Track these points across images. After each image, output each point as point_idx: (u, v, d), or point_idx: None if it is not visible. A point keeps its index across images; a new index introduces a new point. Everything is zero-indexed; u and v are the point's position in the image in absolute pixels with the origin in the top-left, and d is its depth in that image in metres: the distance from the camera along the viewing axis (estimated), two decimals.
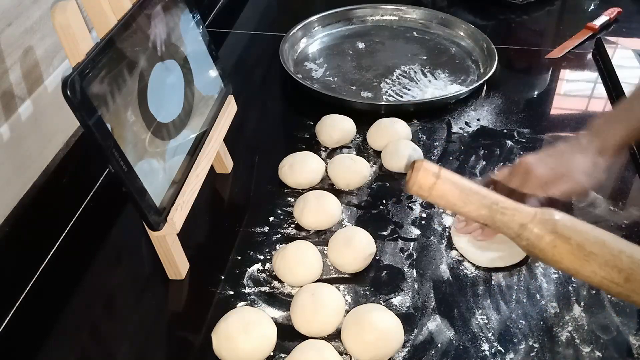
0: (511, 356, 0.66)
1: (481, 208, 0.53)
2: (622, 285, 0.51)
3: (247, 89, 1.11)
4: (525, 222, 0.52)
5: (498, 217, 0.53)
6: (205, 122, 0.80)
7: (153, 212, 0.66)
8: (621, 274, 0.50)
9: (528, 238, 0.52)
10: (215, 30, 1.27)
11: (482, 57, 1.17)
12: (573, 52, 1.21)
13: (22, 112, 0.73)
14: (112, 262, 0.79)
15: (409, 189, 0.54)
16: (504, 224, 0.53)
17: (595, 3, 1.40)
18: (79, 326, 0.70)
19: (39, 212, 0.76)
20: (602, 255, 0.51)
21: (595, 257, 0.51)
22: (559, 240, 0.51)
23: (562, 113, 1.09)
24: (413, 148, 0.92)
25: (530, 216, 0.53)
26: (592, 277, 0.52)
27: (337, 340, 0.67)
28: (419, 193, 0.54)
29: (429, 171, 0.53)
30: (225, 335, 0.65)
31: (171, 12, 0.76)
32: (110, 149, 0.61)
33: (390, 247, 0.79)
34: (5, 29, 0.70)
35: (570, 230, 0.52)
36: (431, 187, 0.52)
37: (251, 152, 0.96)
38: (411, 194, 0.54)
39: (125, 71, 0.65)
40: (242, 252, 0.78)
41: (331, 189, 0.86)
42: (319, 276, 0.74)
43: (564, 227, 0.52)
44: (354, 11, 1.30)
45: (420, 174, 0.52)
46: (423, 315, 0.70)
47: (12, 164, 0.72)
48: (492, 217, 0.53)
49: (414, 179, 0.53)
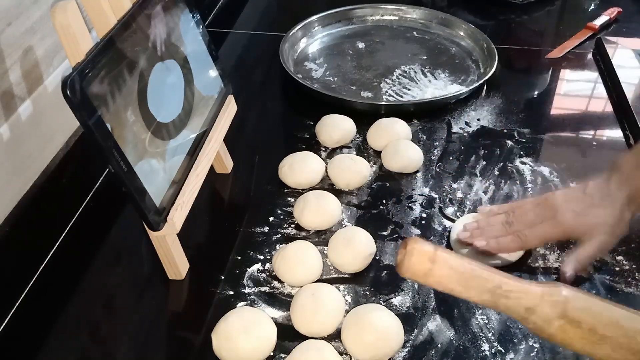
0: (511, 356, 0.66)
1: (483, 293, 0.49)
2: None
3: (247, 89, 1.11)
4: (531, 306, 0.49)
5: (502, 302, 0.49)
6: (205, 122, 0.80)
7: (153, 212, 0.66)
8: (635, 355, 0.47)
9: (535, 322, 0.49)
10: (215, 30, 1.27)
11: (482, 57, 1.17)
12: (573, 52, 1.21)
13: (22, 112, 0.73)
14: (112, 262, 0.78)
15: (401, 274, 0.48)
16: (507, 308, 0.50)
17: (595, 3, 1.40)
18: (79, 326, 0.70)
19: (38, 212, 0.76)
20: (615, 338, 0.48)
21: (608, 339, 0.47)
22: (569, 325, 0.48)
23: (562, 113, 1.09)
24: (413, 148, 0.92)
25: (537, 298, 0.49)
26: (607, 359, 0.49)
27: (337, 340, 0.67)
28: (412, 278, 0.49)
29: (424, 255, 0.47)
30: (225, 335, 0.65)
31: (171, 12, 0.76)
32: (110, 149, 0.61)
33: (390, 247, 0.79)
34: (5, 29, 0.70)
35: (580, 313, 0.48)
36: (427, 274, 0.47)
37: (251, 152, 0.96)
38: (403, 277, 0.49)
39: (125, 71, 0.65)
40: (242, 252, 0.78)
41: (331, 189, 0.86)
42: (319, 276, 0.74)
43: (574, 310, 0.48)
44: (354, 11, 1.30)
45: (413, 259, 0.47)
46: (423, 315, 0.70)
47: (12, 164, 0.72)
48: (496, 302, 0.50)
49: (407, 264, 0.47)
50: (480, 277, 0.48)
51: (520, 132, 0.99)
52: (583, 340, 0.47)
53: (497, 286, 0.49)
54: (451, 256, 0.49)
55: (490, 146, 0.96)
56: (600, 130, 1.04)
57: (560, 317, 0.47)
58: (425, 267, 0.46)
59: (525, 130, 1.00)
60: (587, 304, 0.48)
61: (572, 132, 1.03)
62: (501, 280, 0.49)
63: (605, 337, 0.47)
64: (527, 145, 0.96)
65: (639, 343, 0.47)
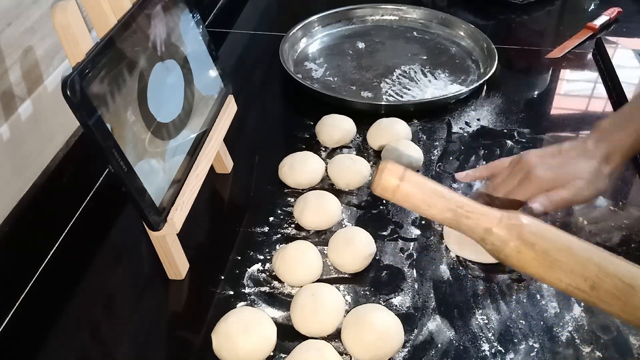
0: (511, 356, 0.66)
1: (445, 211, 0.52)
2: (587, 292, 0.51)
3: (247, 89, 1.11)
4: (489, 227, 0.52)
5: (463, 221, 0.53)
6: (205, 122, 0.80)
7: (153, 212, 0.66)
8: (587, 282, 0.50)
9: (493, 243, 0.52)
10: (215, 30, 1.27)
11: (482, 57, 1.17)
12: (573, 52, 1.21)
13: (22, 112, 0.73)
14: (112, 262, 0.78)
15: (373, 189, 0.54)
16: (468, 228, 0.53)
17: (595, 3, 1.40)
18: (79, 326, 0.70)
19: (38, 212, 0.76)
20: (567, 263, 0.50)
21: (560, 264, 0.50)
22: (524, 246, 0.50)
23: (562, 113, 1.09)
24: (413, 148, 0.92)
25: (495, 220, 0.52)
26: (557, 284, 0.52)
27: (337, 340, 0.67)
28: (382, 194, 0.53)
29: (393, 173, 0.52)
30: (225, 335, 0.65)
31: (171, 12, 0.76)
32: (110, 149, 0.61)
33: (390, 247, 0.79)
34: (5, 29, 0.70)
35: (535, 237, 0.51)
36: (395, 190, 0.52)
37: (251, 152, 0.96)
38: (376, 194, 0.53)
39: (125, 71, 0.65)
40: (242, 252, 0.78)
41: (331, 189, 0.86)
42: (319, 276, 0.74)
43: (529, 233, 0.51)
44: (354, 11, 1.30)
45: (383, 175, 0.52)
46: (423, 315, 0.70)
47: (12, 164, 0.72)
48: (457, 221, 0.53)
49: (378, 180, 0.52)
50: (444, 197, 0.52)
51: (520, 132, 0.99)
52: (536, 262, 0.50)
53: (458, 206, 0.52)
54: (417, 176, 0.53)
55: (490, 146, 0.96)
56: None
57: (517, 239, 0.50)
58: (394, 184, 0.51)
59: (525, 130, 1.00)
60: (542, 230, 0.51)
61: (572, 132, 1.03)
62: (463, 201, 0.52)
63: (557, 261, 0.49)
64: (527, 145, 0.96)
65: (589, 269, 0.49)
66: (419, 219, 0.83)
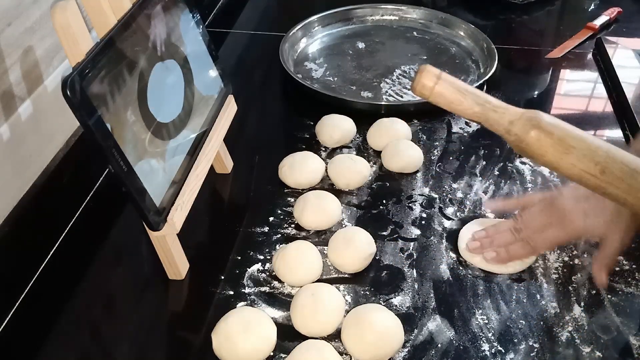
0: (511, 356, 0.66)
1: (475, 106, 0.59)
2: (598, 177, 0.55)
3: (247, 89, 1.11)
4: (513, 119, 0.57)
5: (490, 115, 0.58)
6: (205, 122, 0.80)
7: (153, 212, 0.66)
8: (597, 166, 0.55)
9: (516, 133, 0.57)
10: (215, 30, 1.27)
11: (482, 57, 1.17)
12: (573, 52, 1.21)
13: (22, 112, 0.73)
14: (112, 262, 0.78)
15: (413, 89, 0.60)
16: (495, 121, 0.58)
17: (595, 3, 1.40)
18: (79, 326, 0.70)
19: (38, 212, 0.76)
20: (580, 149, 0.55)
21: (574, 150, 0.55)
22: (543, 134, 0.56)
23: (562, 113, 1.09)
24: (413, 148, 0.92)
25: (518, 114, 0.58)
26: (571, 169, 0.56)
27: (337, 340, 0.67)
28: (422, 92, 0.59)
29: (432, 73, 0.59)
30: (225, 335, 0.65)
31: (171, 12, 0.76)
32: (110, 149, 0.61)
33: (390, 247, 0.79)
34: (5, 29, 0.70)
35: (553, 127, 0.56)
36: (432, 88, 0.59)
37: (251, 152, 0.96)
38: (415, 94, 0.60)
39: (125, 71, 0.65)
40: (242, 252, 0.78)
41: (331, 189, 0.86)
42: (319, 276, 0.74)
43: (547, 124, 0.56)
44: (354, 11, 1.30)
45: (423, 75, 0.59)
46: (423, 315, 0.70)
47: (12, 164, 0.72)
48: (485, 114, 0.58)
49: (418, 79, 0.59)
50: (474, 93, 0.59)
51: None
52: (552, 148, 0.56)
53: (486, 101, 0.59)
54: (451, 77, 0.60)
55: (490, 146, 0.96)
56: (600, 130, 1.04)
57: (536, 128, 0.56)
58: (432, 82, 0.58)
59: None
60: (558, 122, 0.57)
61: None
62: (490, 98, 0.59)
63: (572, 147, 0.55)
64: None
65: (599, 154, 0.55)
66: (419, 219, 0.83)
